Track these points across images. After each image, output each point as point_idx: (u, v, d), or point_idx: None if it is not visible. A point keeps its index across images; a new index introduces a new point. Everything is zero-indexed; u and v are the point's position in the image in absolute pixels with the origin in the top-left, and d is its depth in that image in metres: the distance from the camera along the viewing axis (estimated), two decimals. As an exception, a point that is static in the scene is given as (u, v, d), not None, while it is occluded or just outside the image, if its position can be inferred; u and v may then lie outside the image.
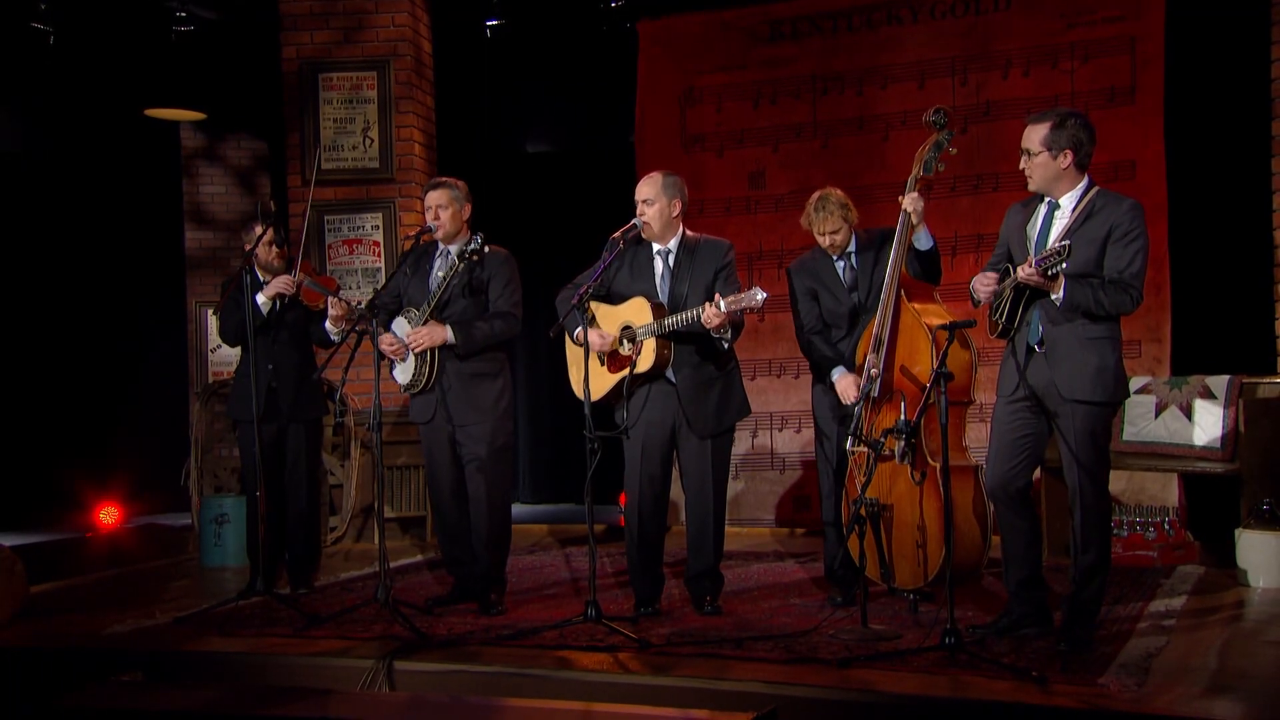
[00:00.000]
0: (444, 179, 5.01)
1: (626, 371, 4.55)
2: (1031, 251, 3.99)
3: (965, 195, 6.44)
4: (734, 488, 7.17)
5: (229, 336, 5.39)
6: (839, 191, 4.83)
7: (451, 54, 7.72)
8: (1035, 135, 3.95)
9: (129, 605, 5.25)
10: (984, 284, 4.07)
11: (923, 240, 4.59)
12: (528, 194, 8.54)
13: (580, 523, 7.09)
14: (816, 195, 4.81)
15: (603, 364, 4.72)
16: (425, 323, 4.79)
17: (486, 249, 4.74)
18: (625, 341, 4.64)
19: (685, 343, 4.60)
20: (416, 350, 4.80)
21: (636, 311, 4.63)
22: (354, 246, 7.11)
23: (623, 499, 8.47)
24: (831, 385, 4.76)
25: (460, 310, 4.86)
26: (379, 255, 7.10)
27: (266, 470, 5.31)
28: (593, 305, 4.70)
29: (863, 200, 5.92)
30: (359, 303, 5.42)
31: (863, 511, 4.43)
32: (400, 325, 4.92)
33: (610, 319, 4.70)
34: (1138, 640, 4.10)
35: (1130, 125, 6.38)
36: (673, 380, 4.64)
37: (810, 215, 4.80)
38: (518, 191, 8.47)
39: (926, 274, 4.66)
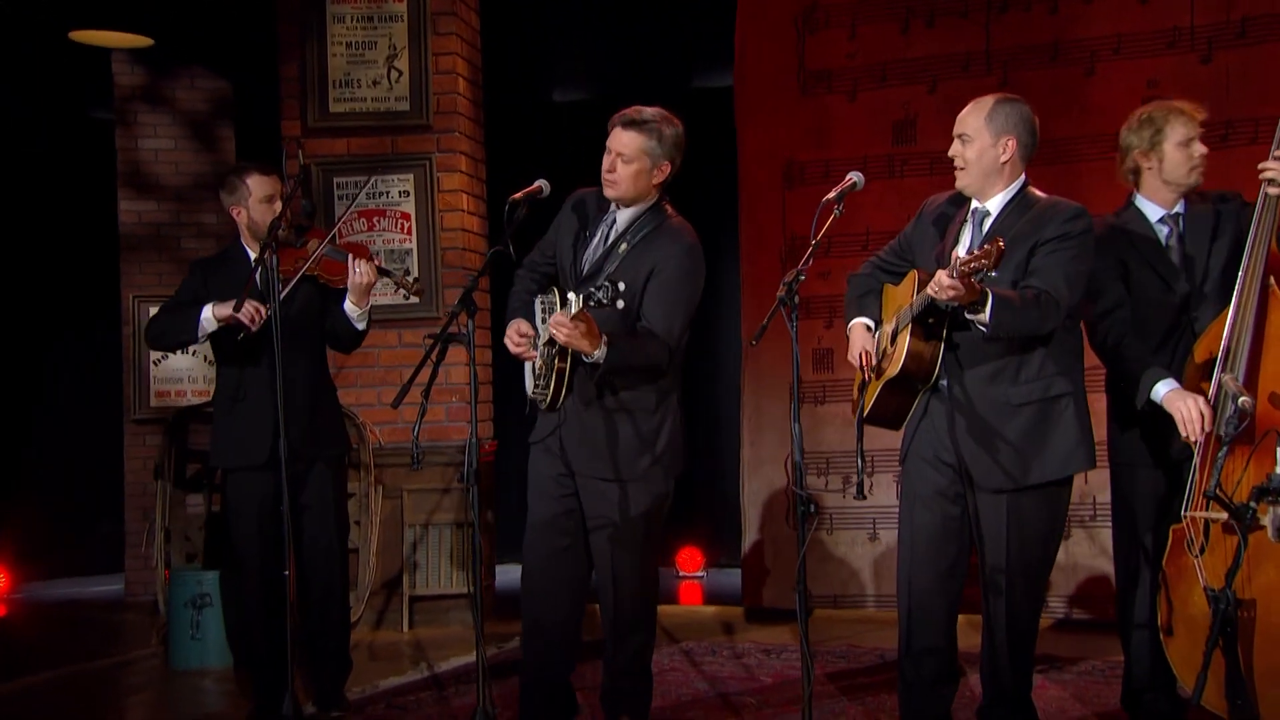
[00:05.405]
0: (640, 115, 3.79)
1: (880, 383, 3.64)
2: None
3: (1210, 149, 5.34)
4: (873, 550, 6.13)
5: (159, 334, 4.34)
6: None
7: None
8: None
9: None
10: None
11: None
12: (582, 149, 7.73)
13: (692, 605, 6.17)
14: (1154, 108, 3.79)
15: (875, 377, 3.74)
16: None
17: (659, 225, 3.78)
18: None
19: (960, 332, 3.51)
20: (561, 337, 3.59)
21: (907, 290, 3.69)
22: (375, 219, 5.98)
23: (680, 560, 7.52)
24: (1148, 408, 3.60)
25: (606, 312, 3.63)
26: (409, 232, 5.95)
27: (273, 534, 4.19)
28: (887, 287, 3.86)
29: (1056, 160, 5.51)
30: (409, 274, 4.21)
31: (1229, 611, 3.37)
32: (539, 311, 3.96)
33: (890, 303, 3.83)
34: None
35: None
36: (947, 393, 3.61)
37: (1163, 118, 3.74)
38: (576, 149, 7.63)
39: None
